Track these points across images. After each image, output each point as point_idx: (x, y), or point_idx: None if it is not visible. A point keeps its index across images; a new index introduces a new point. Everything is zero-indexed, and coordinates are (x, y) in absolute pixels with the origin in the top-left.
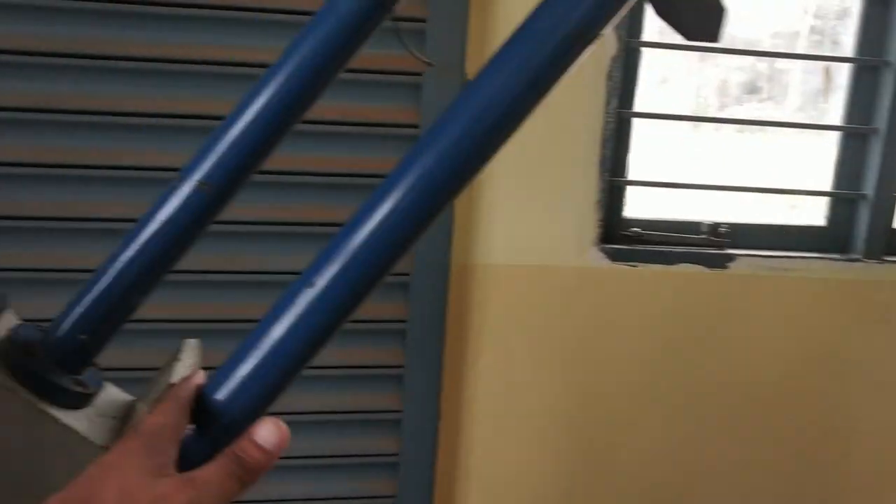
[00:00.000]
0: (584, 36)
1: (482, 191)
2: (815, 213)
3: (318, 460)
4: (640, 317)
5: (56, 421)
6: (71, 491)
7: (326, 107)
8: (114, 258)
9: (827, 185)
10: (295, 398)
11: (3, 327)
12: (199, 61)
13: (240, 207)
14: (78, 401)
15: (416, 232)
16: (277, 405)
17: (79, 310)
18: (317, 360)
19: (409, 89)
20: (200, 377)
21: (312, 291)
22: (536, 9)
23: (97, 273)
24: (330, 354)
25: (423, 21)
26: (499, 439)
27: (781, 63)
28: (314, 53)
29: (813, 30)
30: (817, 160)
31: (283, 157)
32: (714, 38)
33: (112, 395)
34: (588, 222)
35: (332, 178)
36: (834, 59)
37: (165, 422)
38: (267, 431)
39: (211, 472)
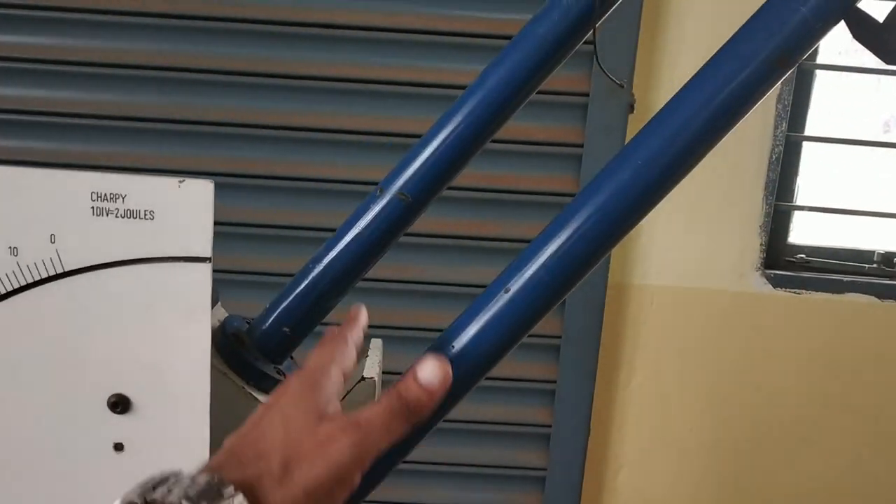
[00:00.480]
0: (784, 61)
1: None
2: None
3: (466, 468)
4: (800, 346)
5: (259, 403)
6: (241, 434)
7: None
8: (317, 260)
9: None
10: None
11: (215, 318)
12: (402, 82)
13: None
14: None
15: (603, 248)
16: None
17: (283, 305)
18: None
19: (575, 109)
20: (364, 317)
21: (506, 296)
22: (737, 34)
23: (300, 273)
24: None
25: (591, 43)
26: (646, 460)
27: None
28: (510, 76)
29: None
30: None
31: None
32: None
33: None
34: (750, 246)
35: (495, 193)
36: None
37: (330, 362)
38: (429, 369)
39: (375, 413)
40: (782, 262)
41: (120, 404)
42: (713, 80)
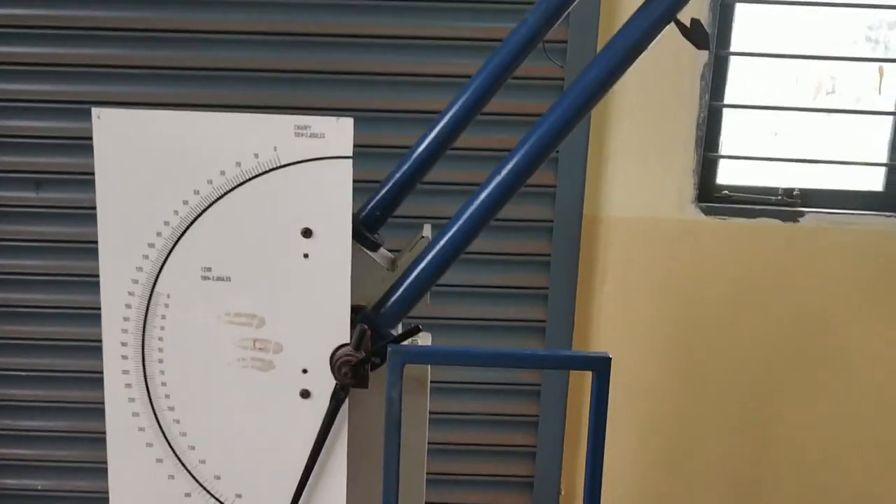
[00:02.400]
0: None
1: (607, 161)
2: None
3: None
4: (725, 257)
5: (364, 252)
6: None
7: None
8: (392, 173)
9: (883, 157)
10: (454, 307)
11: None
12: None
13: None
14: (374, 246)
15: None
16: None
17: (375, 199)
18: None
19: (551, 90)
20: None
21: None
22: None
23: (383, 181)
24: (486, 275)
25: (564, 42)
26: (618, 343)
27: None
28: (503, 64)
29: (868, 38)
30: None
31: None
32: (706, 47)
33: (385, 252)
34: (688, 185)
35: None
36: (886, 60)
37: None
38: None
39: None
40: (712, 196)
41: (307, 233)
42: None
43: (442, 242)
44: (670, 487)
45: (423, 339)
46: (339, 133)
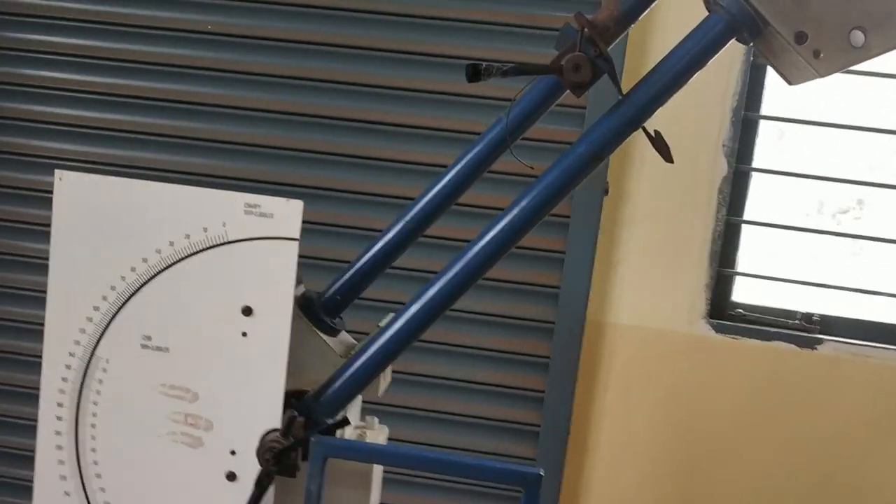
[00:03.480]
0: (598, 158)
1: (616, 266)
2: None
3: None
4: (734, 379)
5: (318, 336)
6: None
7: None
8: (359, 258)
9: None
10: (451, 403)
11: (299, 290)
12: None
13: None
14: (331, 331)
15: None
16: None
17: (337, 284)
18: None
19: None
20: None
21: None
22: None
23: (349, 265)
24: (481, 371)
25: (583, 108)
26: (618, 460)
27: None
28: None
29: None
30: None
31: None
32: (669, 160)
33: (347, 337)
34: (699, 300)
35: None
36: None
37: None
38: None
39: None
40: (725, 313)
41: (247, 311)
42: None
43: (389, 333)
44: None
45: (379, 433)
46: (288, 214)
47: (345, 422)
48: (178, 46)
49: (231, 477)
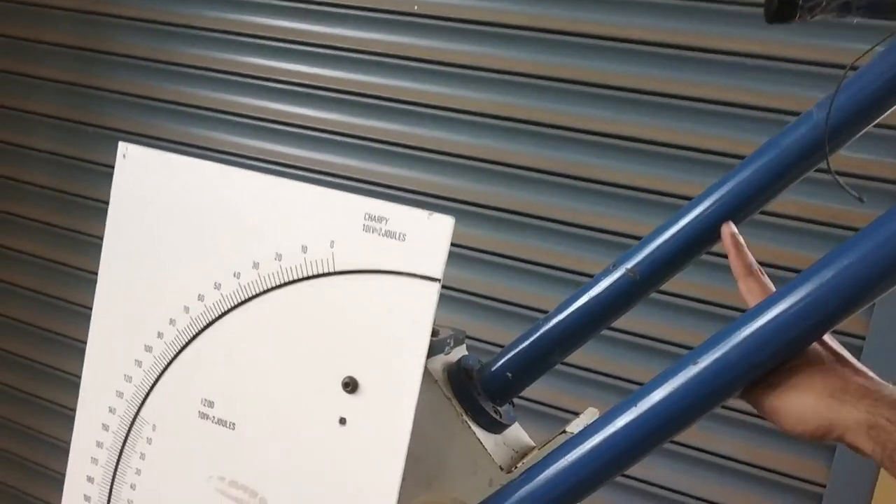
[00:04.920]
0: None
1: None
2: None
3: None
4: None
5: (472, 434)
6: None
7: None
8: (547, 319)
9: None
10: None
11: (456, 355)
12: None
13: None
14: (493, 426)
15: (803, 339)
16: None
17: (511, 354)
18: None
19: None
20: None
21: (695, 369)
22: None
23: (532, 328)
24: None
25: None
26: None
27: None
28: (750, 182)
29: None
30: None
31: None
32: None
33: (518, 433)
34: None
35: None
36: None
37: None
38: None
39: None
40: None
41: (351, 386)
42: None
43: (590, 444)
44: None
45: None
46: (428, 238)
47: None
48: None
49: None
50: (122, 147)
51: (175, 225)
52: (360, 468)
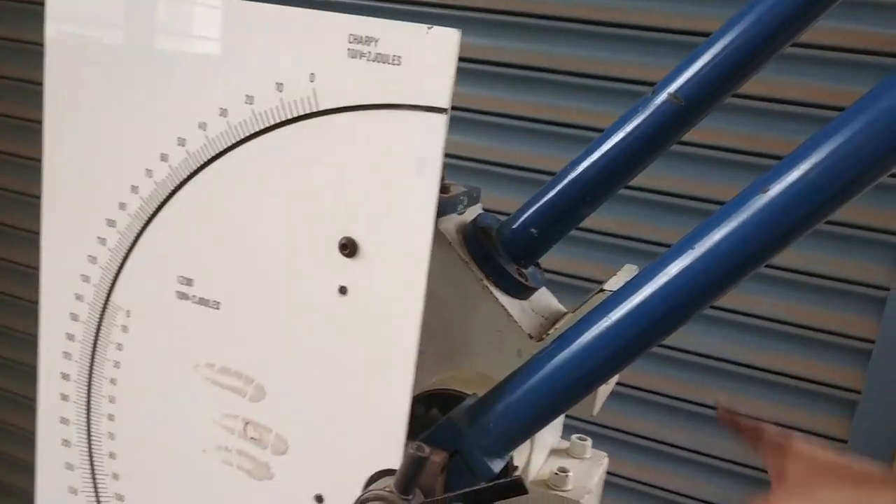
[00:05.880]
0: None
1: None
2: None
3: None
4: None
5: (495, 300)
6: None
7: None
8: (575, 163)
9: None
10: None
11: (471, 214)
12: None
13: None
14: (518, 290)
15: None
16: None
17: (535, 207)
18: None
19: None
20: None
21: (764, 198)
22: None
23: (558, 175)
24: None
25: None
26: None
27: None
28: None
29: None
30: None
31: None
32: None
33: (547, 298)
34: None
35: None
36: None
37: None
38: None
39: None
40: None
41: (349, 249)
42: None
43: (627, 307)
44: None
45: (593, 466)
46: (430, 58)
47: (519, 487)
48: None
49: None
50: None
51: (122, 79)
52: (369, 344)
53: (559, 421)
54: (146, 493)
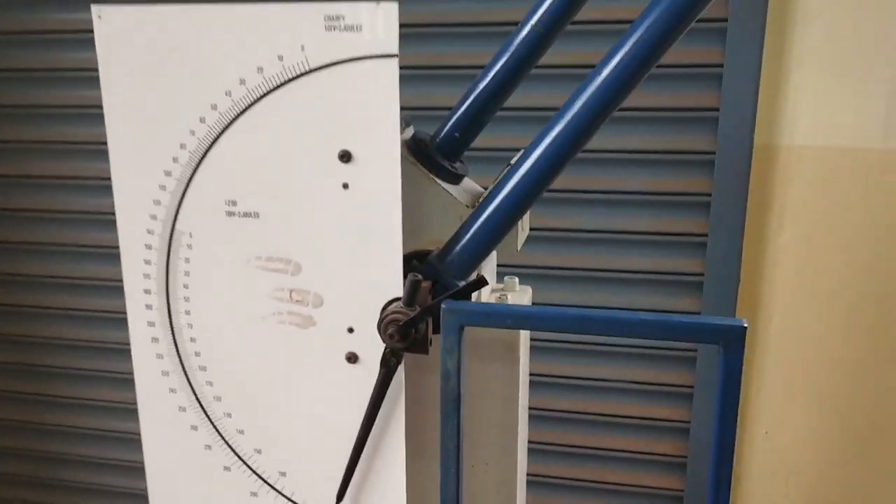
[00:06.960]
0: None
1: (787, 75)
2: None
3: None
4: None
5: (438, 185)
6: None
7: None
8: (477, 82)
9: None
10: (594, 255)
11: (408, 134)
12: None
13: None
14: (452, 178)
15: None
16: None
17: (454, 118)
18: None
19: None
20: None
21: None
22: None
23: (465, 94)
24: (633, 218)
25: (724, 21)
26: (796, 308)
27: None
28: None
29: None
30: None
31: None
32: None
33: (472, 183)
34: None
35: None
36: None
37: None
38: None
39: None
40: None
41: (346, 157)
42: None
43: (523, 170)
44: (857, 479)
45: (522, 295)
46: (380, 23)
47: (482, 282)
48: None
49: (352, 359)
50: (96, 10)
51: (162, 65)
52: (367, 222)
53: (492, 265)
54: (224, 362)
